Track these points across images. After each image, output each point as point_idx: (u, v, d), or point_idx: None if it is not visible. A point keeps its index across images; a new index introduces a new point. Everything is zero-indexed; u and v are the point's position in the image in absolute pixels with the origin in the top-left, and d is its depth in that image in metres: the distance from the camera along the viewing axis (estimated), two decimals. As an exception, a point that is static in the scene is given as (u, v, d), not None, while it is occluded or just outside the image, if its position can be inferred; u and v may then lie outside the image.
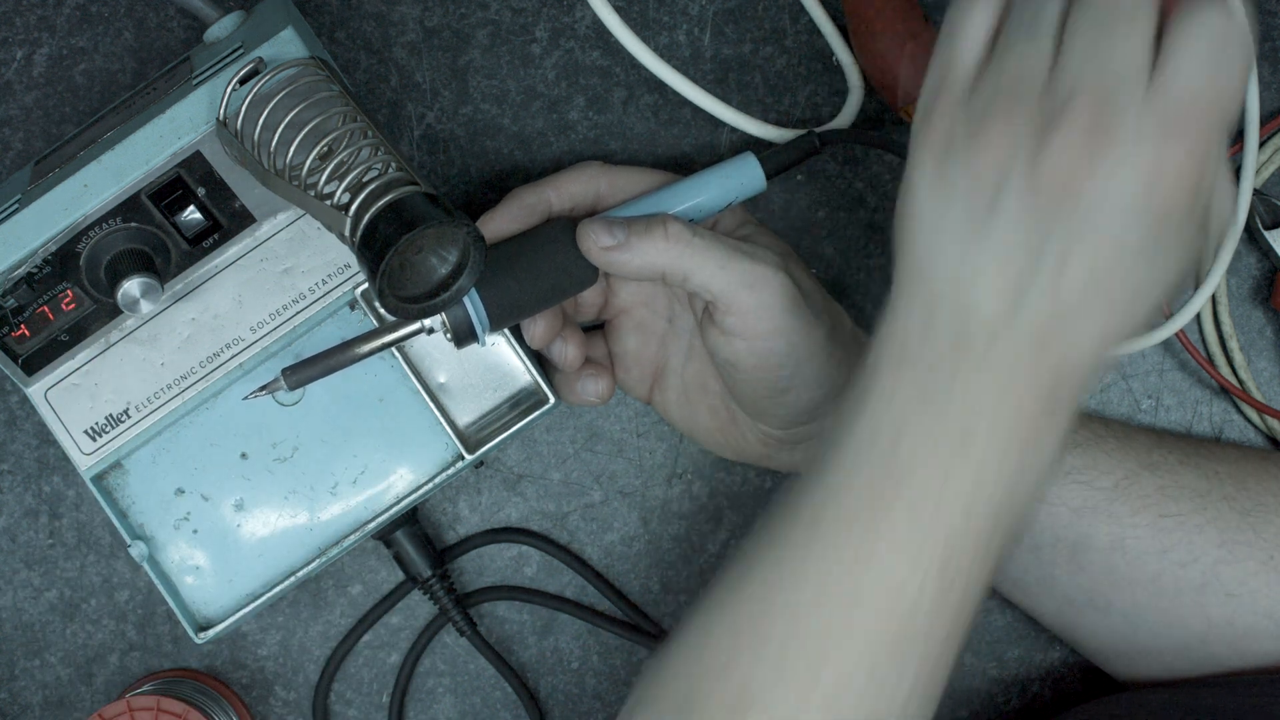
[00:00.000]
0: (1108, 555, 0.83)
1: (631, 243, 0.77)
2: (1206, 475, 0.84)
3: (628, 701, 0.71)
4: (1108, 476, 0.83)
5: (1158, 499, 0.83)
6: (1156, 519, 0.83)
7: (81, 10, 0.89)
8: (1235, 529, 0.83)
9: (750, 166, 0.81)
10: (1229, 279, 0.90)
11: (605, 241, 0.78)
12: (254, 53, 0.76)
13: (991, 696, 0.91)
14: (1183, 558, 0.83)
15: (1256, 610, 0.82)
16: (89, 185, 0.77)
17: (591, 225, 0.78)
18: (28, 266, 0.78)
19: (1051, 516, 0.83)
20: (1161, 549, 0.83)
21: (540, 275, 0.79)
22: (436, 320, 0.78)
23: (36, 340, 0.81)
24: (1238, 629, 0.83)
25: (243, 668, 0.91)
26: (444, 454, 0.84)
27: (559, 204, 0.82)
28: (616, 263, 0.78)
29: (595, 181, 0.83)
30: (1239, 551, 0.82)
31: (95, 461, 0.83)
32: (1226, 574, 0.82)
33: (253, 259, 0.82)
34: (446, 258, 0.74)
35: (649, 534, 0.91)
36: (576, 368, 0.84)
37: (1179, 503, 0.83)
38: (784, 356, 0.78)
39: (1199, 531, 0.83)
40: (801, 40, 0.89)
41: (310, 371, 0.78)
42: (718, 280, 0.77)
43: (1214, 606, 0.83)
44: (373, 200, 0.71)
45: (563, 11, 0.89)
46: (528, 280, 0.78)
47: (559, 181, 0.82)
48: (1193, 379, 0.91)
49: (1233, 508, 0.83)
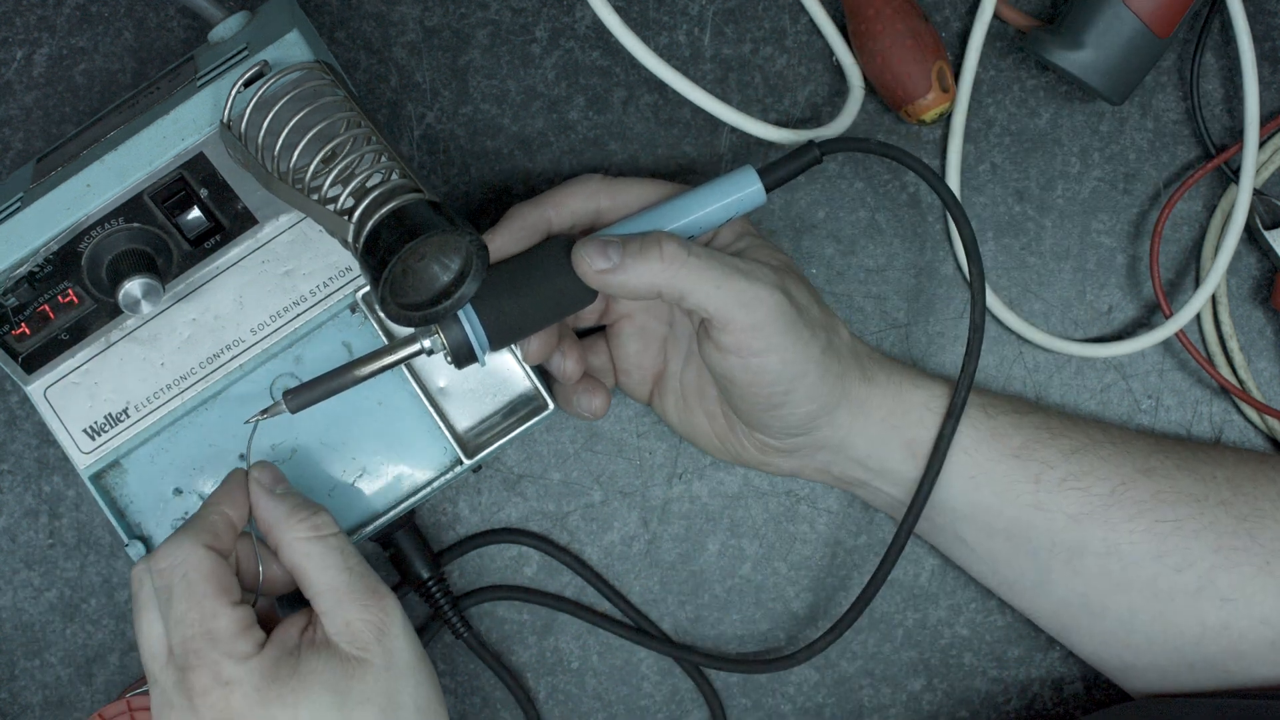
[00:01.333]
0: (1103, 560, 0.83)
1: (626, 264, 0.77)
2: (1203, 480, 0.84)
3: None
4: (1104, 483, 0.83)
5: (1153, 504, 0.83)
6: (1152, 524, 0.83)
7: (81, 10, 0.89)
8: (1231, 534, 0.83)
9: (749, 180, 0.80)
10: (1229, 279, 0.90)
11: (600, 265, 0.77)
12: (259, 55, 0.76)
13: (991, 696, 0.92)
14: (1178, 563, 0.83)
15: (1253, 615, 0.82)
16: (92, 185, 0.77)
17: (586, 247, 0.78)
18: (29, 265, 0.78)
19: (1048, 522, 0.83)
20: (1157, 554, 0.83)
21: (539, 295, 0.78)
22: (436, 341, 0.78)
23: (37, 339, 0.80)
24: (1234, 634, 0.83)
25: (243, 668, 0.91)
26: (442, 458, 0.84)
27: (559, 221, 0.82)
28: (612, 284, 0.77)
29: (595, 197, 0.82)
30: (1235, 557, 0.83)
31: (94, 460, 0.83)
32: (1222, 579, 0.82)
33: (254, 261, 0.82)
34: (449, 265, 0.74)
35: (649, 534, 0.91)
36: (576, 380, 0.84)
37: (1175, 508, 0.83)
38: (778, 373, 0.79)
39: (1195, 536, 0.83)
40: (801, 40, 0.90)
41: (311, 394, 0.78)
42: (713, 300, 0.77)
43: (1209, 611, 0.83)
44: (376, 207, 0.71)
45: (563, 11, 0.89)
46: (527, 300, 0.78)
47: (559, 198, 0.82)
48: (1193, 379, 0.91)
49: (1229, 513, 0.83)
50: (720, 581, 0.91)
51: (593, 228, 0.83)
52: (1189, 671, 0.84)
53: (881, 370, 0.84)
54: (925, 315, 0.90)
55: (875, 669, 0.92)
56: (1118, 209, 0.90)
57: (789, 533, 0.91)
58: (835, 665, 0.91)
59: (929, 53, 0.86)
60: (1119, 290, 0.90)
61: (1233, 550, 0.83)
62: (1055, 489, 0.83)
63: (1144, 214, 0.90)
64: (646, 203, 0.82)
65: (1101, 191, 0.90)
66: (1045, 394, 0.91)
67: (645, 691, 0.92)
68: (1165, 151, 0.90)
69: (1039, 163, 0.90)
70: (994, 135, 0.90)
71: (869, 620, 0.91)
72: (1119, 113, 0.90)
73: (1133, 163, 0.90)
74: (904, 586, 0.91)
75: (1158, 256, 0.89)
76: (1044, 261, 0.90)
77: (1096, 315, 0.90)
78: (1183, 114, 0.90)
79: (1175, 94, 0.90)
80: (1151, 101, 0.90)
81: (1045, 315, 0.90)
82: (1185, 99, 0.90)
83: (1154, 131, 0.90)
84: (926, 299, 0.90)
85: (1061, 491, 0.83)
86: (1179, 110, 0.90)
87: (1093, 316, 0.90)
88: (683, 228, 0.80)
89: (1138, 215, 0.90)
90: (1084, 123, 0.90)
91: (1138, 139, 0.90)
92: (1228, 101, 0.90)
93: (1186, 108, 0.90)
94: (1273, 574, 0.82)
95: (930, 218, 0.90)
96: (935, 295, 0.90)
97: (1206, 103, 0.90)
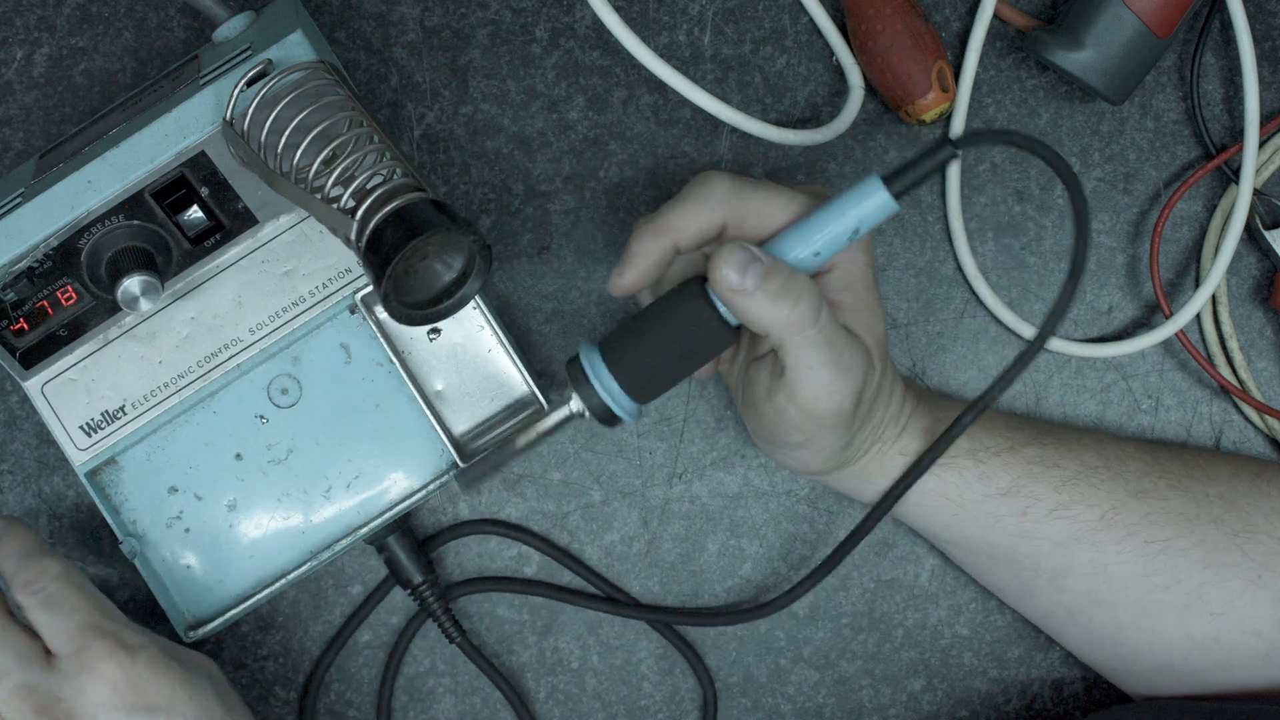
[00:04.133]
0: (1089, 580, 0.83)
1: (758, 297, 0.72)
2: (1196, 499, 0.83)
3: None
4: (1094, 509, 0.83)
5: (1143, 526, 0.83)
6: (1142, 545, 0.83)
7: (81, 10, 0.89)
8: (1222, 550, 0.82)
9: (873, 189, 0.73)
10: (1229, 279, 0.90)
11: (734, 282, 0.73)
12: (262, 54, 0.76)
13: (991, 696, 0.91)
14: (1167, 580, 0.83)
15: (1244, 628, 0.82)
16: (93, 181, 0.77)
17: (732, 256, 0.73)
18: (29, 260, 0.78)
19: (1033, 549, 0.83)
20: (1145, 573, 0.83)
21: (677, 344, 0.75)
22: (579, 404, 0.76)
23: (35, 334, 0.80)
24: (1224, 646, 0.83)
25: (243, 668, 0.90)
26: (438, 461, 0.84)
27: (685, 246, 0.77)
28: (734, 304, 0.73)
29: (720, 209, 0.76)
30: (1225, 572, 0.82)
31: (90, 457, 0.83)
32: (1212, 594, 0.82)
33: (254, 260, 0.82)
34: (452, 264, 0.74)
35: (649, 534, 0.91)
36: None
37: (1165, 529, 0.83)
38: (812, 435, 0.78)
39: (1184, 555, 0.82)
40: (801, 40, 0.90)
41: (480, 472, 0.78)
42: (799, 373, 0.74)
43: (1198, 626, 0.83)
44: (379, 205, 0.71)
45: (563, 11, 0.89)
46: (663, 355, 0.75)
47: (682, 220, 0.76)
48: (1193, 379, 0.91)
49: (1221, 530, 0.83)
50: (720, 581, 0.91)
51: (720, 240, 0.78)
52: (1179, 682, 0.84)
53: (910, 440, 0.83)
54: (925, 315, 0.90)
55: (875, 669, 0.91)
56: (1118, 209, 0.90)
57: (789, 533, 0.91)
58: (835, 665, 0.91)
59: (929, 53, 0.86)
60: (1119, 290, 0.90)
61: (1223, 566, 0.82)
62: (1043, 519, 0.83)
63: (1144, 214, 0.90)
64: (775, 215, 0.76)
65: (1101, 191, 0.90)
66: (1045, 394, 0.91)
67: (645, 692, 0.91)
68: (1165, 151, 0.90)
69: (1039, 163, 0.90)
70: (994, 135, 0.90)
71: (869, 620, 0.91)
72: (1119, 113, 0.90)
73: (1133, 163, 0.90)
74: (904, 586, 0.91)
75: (1158, 256, 0.89)
76: (1044, 261, 0.90)
77: (1096, 315, 0.91)
78: (1183, 114, 0.90)
79: (1175, 94, 0.90)
80: (1151, 101, 0.90)
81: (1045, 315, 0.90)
82: (1185, 99, 0.90)
83: (1154, 131, 0.90)
84: (926, 299, 0.90)
85: (1049, 521, 0.83)
86: (1179, 110, 0.90)
87: (1093, 316, 0.90)
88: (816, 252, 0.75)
89: (1138, 215, 0.90)
90: (1084, 123, 0.90)
91: (1138, 139, 0.90)
92: (1228, 101, 0.90)
93: (1186, 108, 0.90)
94: (1265, 587, 0.82)
95: (930, 218, 0.90)
96: (935, 295, 0.90)
97: (1206, 103, 0.90)
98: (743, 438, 0.90)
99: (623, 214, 0.90)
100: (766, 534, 0.91)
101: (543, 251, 0.90)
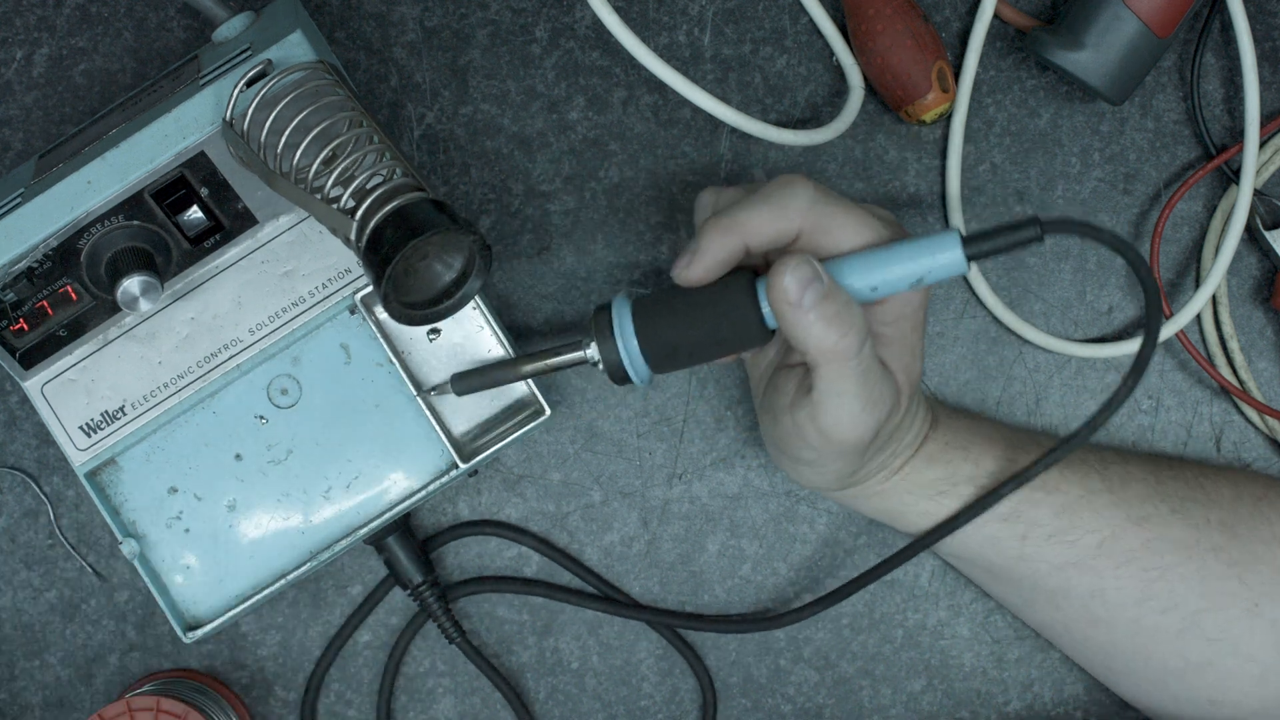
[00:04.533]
0: (1086, 601, 0.83)
1: (812, 317, 0.72)
2: (1196, 526, 0.83)
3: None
4: (1093, 535, 0.83)
5: (1142, 554, 0.82)
6: (1140, 572, 0.82)
7: (81, 10, 0.89)
8: (1220, 578, 0.82)
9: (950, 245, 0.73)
10: (1229, 279, 0.90)
11: (793, 296, 0.71)
12: (262, 54, 0.76)
13: (991, 696, 0.91)
14: (1163, 605, 0.82)
15: (1238, 654, 0.82)
16: (92, 182, 0.77)
17: (796, 271, 0.72)
18: (29, 261, 0.78)
19: (1032, 570, 0.83)
20: (1141, 599, 0.83)
21: (709, 328, 0.75)
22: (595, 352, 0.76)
23: (35, 335, 0.80)
24: (1218, 670, 0.83)
25: (242, 668, 0.90)
26: (438, 462, 0.84)
27: (756, 248, 0.75)
28: (787, 319, 0.72)
29: (798, 221, 0.75)
30: (1222, 600, 0.82)
31: (89, 458, 0.83)
32: (1208, 621, 0.82)
33: (253, 261, 0.82)
34: (451, 264, 0.74)
35: (649, 534, 0.91)
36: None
37: (1164, 556, 0.82)
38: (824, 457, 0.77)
39: (1181, 581, 0.82)
40: (801, 40, 0.90)
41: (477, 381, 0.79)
42: (832, 401, 0.74)
43: (1193, 649, 0.83)
44: (379, 205, 0.71)
45: (563, 11, 0.89)
46: (695, 331, 0.75)
47: (760, 222, 0.75)
48: (1193, 379, 0.91)
49: (1219, 558, 0.83)
50: (720, 582, 0.91)
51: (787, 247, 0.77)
52: (1173, 699, 0.85)
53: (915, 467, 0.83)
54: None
55: (875, 669, 0.91)
56: (1118, 209, 0.90)
57: (789, 533, 0.91)
58: (835, 666, 0.91)
59: (929, 53, 0.86)
60: (1119, 290, 0.90)
61: (1220, 594, 0.82)
62: (1042, 543, 0.83)
63: (1144, 214, 0.90)
64: (850, 238, 0.75)
65: (1102, 192, 0.90)
66: (1045, 394, 0.90)
67: (645, 692, 0.91)
68: (1165, 152, 0.90)
69: (1039, 163, 0.90)
70: (994, 135, 0.90)
71: (869, 620, 0.91)
72: (1119, 113, 0.90)
73: (1133, 163, 0.90)
74: (904, 587, 0.91)
75: (1158, 257, 0.89)
76: (1044, 261, 0.90)
77: (1096, 315, 0.90)
78: (1183, 114, 0.90)
79: (1175, 94, 0.90)
80: (1151, 101, 0.90)
81: (1045, 315, 0.90)
82: (1185, 99, 0.90)
83: (1154, 132, 0.90)
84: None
85: (1048, 545, 0.83)
86: (1179, 110, 0.90)
87: (1093, 317, 0.90)
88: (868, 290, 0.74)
89: (1138, 215, 0.90)
90: (1084, 123, 0.90)
91: (1138, 139, 0.90)
92: (1228, 101, 0.90)
93: (1186, 108, 0.90)
94: (1261, 615, 0.82)
95: (930, 218, 0.90)
96: (935, 295, 0.90)
97: (1206, 103, 0.90)
98: (743, 438, 0.90)
99: (623, 214, 0.90)
100: (766, 534, 0.91)
101: (543, 251, 0.90)
